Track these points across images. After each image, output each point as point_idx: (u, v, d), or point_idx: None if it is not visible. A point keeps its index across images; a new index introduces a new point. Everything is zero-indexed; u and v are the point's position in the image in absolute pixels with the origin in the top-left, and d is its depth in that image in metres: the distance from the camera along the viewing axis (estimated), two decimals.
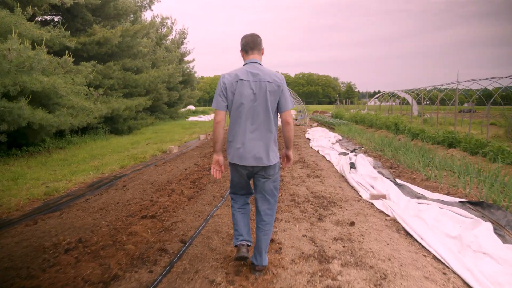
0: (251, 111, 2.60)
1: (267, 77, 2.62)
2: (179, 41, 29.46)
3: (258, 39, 2.75)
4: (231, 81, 2.62)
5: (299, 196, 5.17)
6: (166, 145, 12.14)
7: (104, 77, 15.28)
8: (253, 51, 2.72)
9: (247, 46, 2.73)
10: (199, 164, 8.13)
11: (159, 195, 5.41)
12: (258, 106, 2.60)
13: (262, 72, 2.64)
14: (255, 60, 2.70)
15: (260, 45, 2.76)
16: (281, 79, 2.67)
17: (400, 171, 7.02)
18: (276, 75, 2.66)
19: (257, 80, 2.60)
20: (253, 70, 2.64)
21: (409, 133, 11.49)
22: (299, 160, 8.28)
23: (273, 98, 2.62)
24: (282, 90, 2.64)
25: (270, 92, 2.60)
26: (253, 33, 2.78)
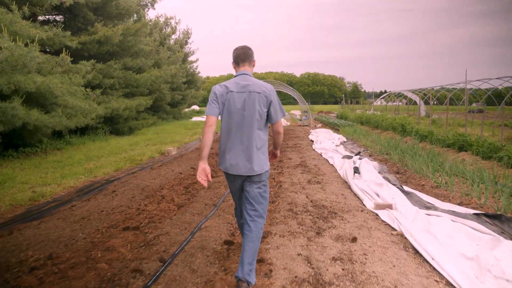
0: (241, 121, 2.64)
1: (256, 88, 2.66)
2: (182, 41, 29.13)
3: (249, 51, 2.81)
4: (222, 92, 2.68)
5: (298, 205, 4.75)
6: (165, 147, 11.79)
7: (105, 76, 14.98)
8: (244, 63, 2.79)
9: (238, 58, 2.80)
10: (196, 168, 7.74)
11: (148, 202, 5.04)
12: (247, 116, 2.64)
13: (252, 83, 2.68)
14: (245, 72, 2.76)
15: (251, 57, 2.82)
16: (270, 90, 2.69)
17: (407, 177, 6.57)
18: (265, 87, 2.68)
19: (246, 91, 2.65)
20: (243, 81, 2.69)
21: (416, 135, 11.00)
22: (300, 164, 7.86)
23: (263, 109, 2.66)
24: (271, 101, 2.68)
25: (259, 103, 2.64)
26: (244, 46, 2.84)
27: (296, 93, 21.52)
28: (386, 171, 7.16)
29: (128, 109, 14.83)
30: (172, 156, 9.94)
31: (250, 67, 2.82)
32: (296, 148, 10.64)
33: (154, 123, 20.71)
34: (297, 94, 21.48)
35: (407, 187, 5.76)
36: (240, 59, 2.80)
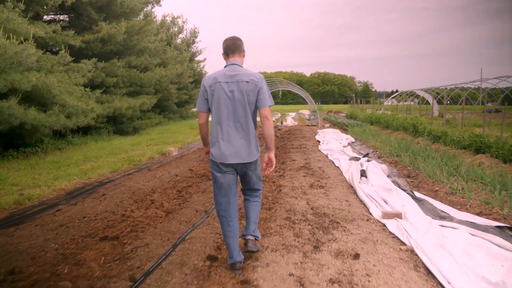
0: (230, 110, 2.67)
1: (244, 77, 2.67)
2: (189, 40, 28.83)
3: (239, 42, 2.83)
4: (210, 84, 2.70)
5: (296, 213, 4.31)
6: (167, 147, 11.46)
7: (108, 74, 14.73)
8: (233, 53, 2.80)
9: (228, 49, 2.81)
10: (194, 169, 7.35)
11: (136, 207, 4.66)
12: (236, 105, 2.66)
13: (240, 72, 2.69)
14: (234, 62, 2.77)
15: (241, 48, 2.83)
16: (259, 78, 2.71)
17: (419, 181, 6.06)
18: (254, 75, 2.70)
19: (234, 81, 2.66)
20: (231, 72, 2.70)
21: (429, 135, 10.42)
22: (304, 166, 7.40)
23: (251, 97, 2.67)
24: (260, 88, 2.69)
25: (248, 92, 2.66)
26: (234, 37, 2.86)
27: (304, 92, 21.02)
28: (396, 174, 6.66)
29: (131, 109, 14.56)
30: (172, 157, 9.58)
31: (240, 58, 2.83)
32: (301, 149, 10.18)
33: (160, 123, 20.45)
34: (305, 93, 20.97)
35: (418, 193, 5.27)
36: (230, 50, 2.80)
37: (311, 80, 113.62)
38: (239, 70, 2.71)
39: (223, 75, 2.70)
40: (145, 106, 15.51)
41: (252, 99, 2.68)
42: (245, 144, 2.70)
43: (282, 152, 9.48)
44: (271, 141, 2.83)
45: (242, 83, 2.65)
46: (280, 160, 8.25)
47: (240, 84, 2.65)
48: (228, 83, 2.67)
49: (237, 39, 2.85)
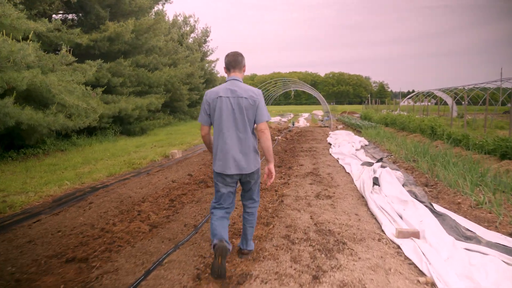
0: (231, 124, 2.79)
1: (244, 93, 2.80)
2: (201, 39, 28.47)
3: (239, 58, 2.94)
4: (213, 98, 2.83)
5: (297, 230, 3.76)
6: (172, 149, 11.04)
7: (114, 74, 14.44)
8: (234, 69, 2.92)
9: (229, 65, 2.93)
10: (193, 175, 6.87)
11: (119, 219, 4.19)
12: (236, 119, 2.79)
13: (240, 89, 2.82)
14: (235, 78, 2.89)
15: (241, 64, 2.95)
16: (257, 95, 2.85)
17: (438, 191, 5.41)
18: (253, 92, 2.84)
19: (235, 97, 2.79)
20: (232, 87, 2.83)
21: (448, 138, 9.67)
22: (312, 172, 6.82)
23: (250, 112, 2.81)
24: (258, 105, 2.83)
25: (246, 107, 2.79)
26: (235, 53, 2.96)
27: (317, 93, 20.36)
28: (413, 183, 6.01)
29: (138, 109, 14.22)
30: (175, 159, 9.14)
31: (240, 73, 2.95)
32: (310, 152, 9.58)
33: (170, 123, 20.13)
34: (317, 93, 20.32)
35: (438, 206, 4.64)
36: (231, 66, 2.92)
37: (325, 80, 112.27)
38: (240, 86, 2.84)
39: (224, 90, 2.83)
40: (152, 106, 15.16)
41: (251, 114, 2.82)
42: (245, 155, 2.82)
43: (290, 156, 8.92)
44: (269, 154, 2.91)
45: (241, 99, 2.79)
46: (286, 164, 7.69)
47: (240, 100, 2.79)
48: (229, 97, 2.80)
49: (238, 55, 2.95)
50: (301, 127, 19.25)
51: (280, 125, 21.47)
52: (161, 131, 17.23)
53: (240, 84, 2.86)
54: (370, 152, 9.61)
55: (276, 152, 9.67)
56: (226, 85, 2.87)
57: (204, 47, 29.22)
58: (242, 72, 2.97)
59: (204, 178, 6.48)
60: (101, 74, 13.82)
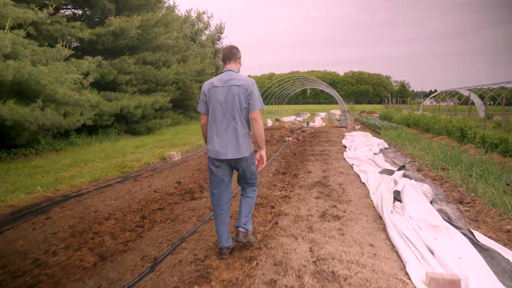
0: (224, 111, 2.88)
1: (236, 82, 2.89)
2: (214, 36, 27.56)
3: (234, 50, 3.06)
4: (208, 88, 2.97)
5: (288, 272, 2.73)
6: (173, 149, 10.17)
7: (120, 71, 13.72)
8: (230, 61, 3.04)
9: (225, 57, 3.05)
10: (182, 182, 5.92)
11: (65, 245, 3.28)
12: (229, 107, 2.87)
13: (233, 78, 2.91)
14: (230, 69, 3.00)
15: (236, 56, 3.05)
16: (250, 83, 2.92)
17: (477, 212, 4.26)
18: (246, 80, 2.92)
19: (228, 85, 2.89)
20: (226, 77, 2.94)
21: (482, 142, 8.38)
22: (320, 182, 5.75)
23: (242, 100, 2.88)
24: (250, 93, 2.89)
25: (239, 95, 2.87)
26: (231, 46, 3.10)
27: (333, 91, 19.14)
28: (443, 198, 4.85)
29: (141, 107, 13.44)
30: (171, 162, 8.24)
31: (236, 64, 3.04)
32: (322, 156, 8.48)
33: (179, 122, 19.35)
34: (334, 92, 19.09)
35: (481, 235, 3.52)
36: (226, 58, 3.04)
37: (344, 79, 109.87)
38: (233, 76, 2.93)
39: (219, 80, 2.94)
40: (157, 105, 14.35)
41: (243, 102, 2.88)
42: (236, 141, 2.88)
43: (298, 160, 7.85)
44: (261, 140, 2.96)
45: (234, 87, 2.87)
46: (292, 171, 6.64)
47: (233, 88, 2.87)
48: (223, 87, 2.89)
49: (233, 47, 3.06)
50: (316, 127, 18.09)
51: (294, 124, 20.35)
52: (169, 130, 16.46)
53: (233, 74, 2.95)
54: (390, 157, 8.43)
55: (284, 155, 8.62)
56: (221, 75, 2.99)
57: (217, 44, 28.35)
58: (237, 63, 3.07)
59: (192, 187, 5.53)
60: (106, 70, 13.13)
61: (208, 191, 5.28)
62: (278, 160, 7.87)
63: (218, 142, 2.88)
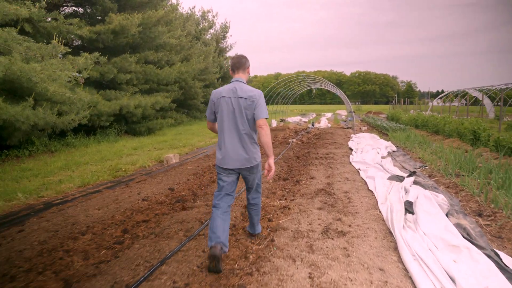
0: (231, 122, 2.94)
1: (243, 94, 2.92)
2: (219, 35, 27.11)
3: (243, 60, 3.09)
4: (216, 97, 3.00)
5: None
6: (172, 151, 9.77)
7: (120, 70, 13.34)
8: (238, 70, 3.07)
9: (234, 67, 3.09)
10: (175, 189, 5.49)
11: (28, 267, 2.85)
12: (236, 118, 2.93)
13: (241, 90, 2.94)
14: (239, 79, 3.03)
15: (245, 65, 3.09)
16: (257, 96, 2.94)
17: (500, 227, 3.76)
18: (252, 92, 2.95)
19: (236, 97, 2.93)
20: (234, 87, 2.96)
21: (497, 146, 7.83)
22: (324, 190, 5.27)
23: (249, 112, 2.93)
24: (256, 104, 2.92)
25: (246, 107, 2.92)
26: (239, 55, 3.13)
27: (339, 91, 18.60)
28: (460, 210, 4.35)
29: (141, 107, 13.05)
30: (167, 166, 7.82)
31: (244, 74, 3.08)
32: (327, 159, 7.99)
33: (182, 122, 18.95)
34: (340, 92, 18.55)
35: (507, 257, 3.03)
36: (235, 67, 3.08)
37: (351, 79, 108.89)
38: (241, 87, 2.97)
39: (227, 91, 2.97)
40: (158, 105, 13.94)
41: (250, 113, 2.93)
42: (244, 151, 2.95)
43: (301, 164, 7.38)
44: (268, 148, 2.94)
45: (241, 99, 2.92)
46: (294, 177, 6.17)
47: (240, 100, 2.92)
48: (231, 98, 2.94)
49: (242, 57, 3.10)
50: (321, 128, 17.58)
51: (299, 125, 19.86)
52: (171, 130, 16.06)
53: (242, 85, 2.98)
54: (398, 161, 7.92)
55: (286, 159, 8.15)
56: (229, 86, 3.01)
57: (222, 43, 27.89)
58: (246, 73, 3.11)
59: (185, 194, 5.09)
60: (106, 69, 12.76)
61: (201, 200, 4.85)
62: (280, 164, 7.40)
63: (225, 152, 2.95)
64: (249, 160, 2.95)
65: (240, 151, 2.92)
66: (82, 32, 12.05)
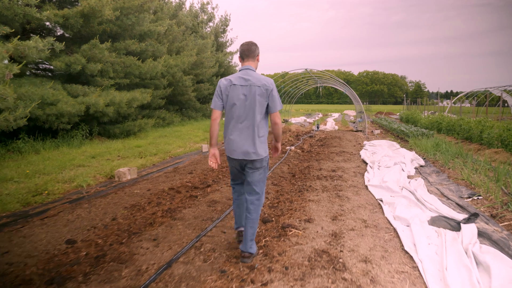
0: (242, 111, 2.79)
1: (257, 82, 2.79)
2: (219, 29, 24.74)
3: (253, 47, 2.89)
4: (226, 85, 2.83)
5: None
6: (136, 162, 7.57)
7: (90, 60, 11.14)
8: (248, 58, 2.88)
9: (243, 54, 2.90)
10: (78, 242, 3.22)
11: None
12: (248, 107, 2.78)
13: (253, 77, 2.81)
14: (248, 67, 2.86)
15: (255, 53, 2.90)
16: (270, 84, 2.82)
17: None
18: (266, 80, 2.82)
19: (248, 85, 2.79)
20: (245, 76, 2.82)
21: None
22: (325, 253, 2.91)
23: (262, 100, 2.79)
24: (270, 93, 2.80)
25: (259, 95, 2.78)
26: (249, 42, 2.92)
27: (348, 89, 16.19)
28: None
29: (115, 105, 10.83)
30: (117, 184, 5.59)
31: (254, 62, 2.91)
32: (333, 180, 5.66)
33: (172, 122, 16.69)
34: (350, 89, 16.13)
35: None
36: (244, 55, 2.89)
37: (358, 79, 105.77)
38: (253, 75, 2.81)
39: (238, 78, 2.82)
40: (135, 102, 11.67)
41: (263, 103, 2.79)
42: (253, 142, 2.79)
43: (295, 190, 5.07)
44: (278, 137, 2.98)
45: (254, 87, 2.77)
46: (280, 216, 3.87)
47: (253, 88, 2.78)
48: (242, 86, 2.78)
49: (252, 44, 2.91)
50: (327, 130, 15.19)
51: (302, 126, 17.51)
52: (155, 132, 13.82)
53: (253, 73, 2.84)
54: (433, 183, 5.56)
55: (277, 178, 5.85)
56: (239, 74, 2.86)
57: (222, 37, 25.55)
58: (255, 61, 2.93)
59: (78, 260, 2.81)
60: (73, 59, 10.58)
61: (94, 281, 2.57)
62: (267, 189, 5.10)
63: (234, 141, 2.82)
64: (257, 152, 2.79)
65: (246, 142, 2.79)
66: (43, 15, 9.87)
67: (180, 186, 5.34)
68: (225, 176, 6.08)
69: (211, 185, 5.43)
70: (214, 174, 6.24)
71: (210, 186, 5.35)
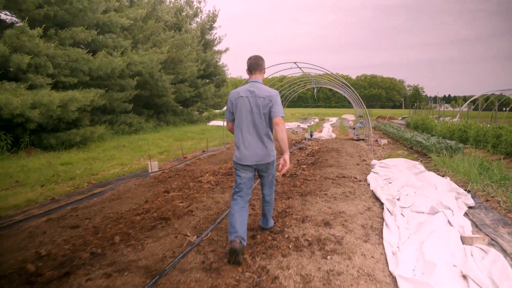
0: (249, 121, 2.95)
1: (261, 93, 2.94)
2: (205, 25, 21.92)
3: (260, 61, 3.10)
4: (235, 97, 3.02)
5: None
6: (26, 196, 4.79)
7: (16, 51, 8.38)
8: (255, 71, 3.08)
9: (251, 67, 3.09)
10: None
11: None
12: (254, 117, 2.94)
13: (258, 90, 2.97)
14: (256, 80, 3.06)
15: (262, 66, 3.11)
16: (274, 95, 2.96)
17: None
18: (269, 92, 2.97)
19: (253, 96, 2.95)
20: (251, 88, 3.00)
21: None
22: None
23: (266, 111, 2.94)
24: (273, 103, 2.93)
25: (263, 106, 2.93)
26: (256, 56, 3.12)
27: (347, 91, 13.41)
28: None
29: (43, 107, 8.03)
30: None
31: (260, 75, 3.11)
32: (323, 258, 2.85)
33: (142, 129, 13.88)
34: (349, 91, 13.34)
35: None
36: (252, 68, 3.08)
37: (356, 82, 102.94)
38: (258, 87, 2.98)
39: (245, 91, 2.99)
40: (73, 105, 8.81)
41: (267, 112, 2.93)
42: (262, 148, 2.96)
43: (260, 267, 2.27)
44: (284, 144, 2.92)
45: (260, 98, 2.93)
46: None
47: (258, 100, 2.93)
48: (249, 97, 2.95)
49: (259, 58, 3.10)
50: (322, 139, 12.37)
51: (294, 133, 14.74)
52: (112, 142, 11.01)
53: (259, 86, 3.00)
54: (508, 251, 2.74)
55: (210, 253, 3.04)
56: (246, 86, 3.04)
57: (209, 34, 22.79)
58: (262, 74, 3.11)
59: None
60: None
61: None
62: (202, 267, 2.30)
63: (244, 149, 2.95)
64: (267, 156, 2.97)
65: (258, 147, 2.94)
66: None
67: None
68: (142, 231, 3.26)
69: (78, 266, 2.61)
70: (117, 227, 3.40)
71: (69, 274, 2.53)
